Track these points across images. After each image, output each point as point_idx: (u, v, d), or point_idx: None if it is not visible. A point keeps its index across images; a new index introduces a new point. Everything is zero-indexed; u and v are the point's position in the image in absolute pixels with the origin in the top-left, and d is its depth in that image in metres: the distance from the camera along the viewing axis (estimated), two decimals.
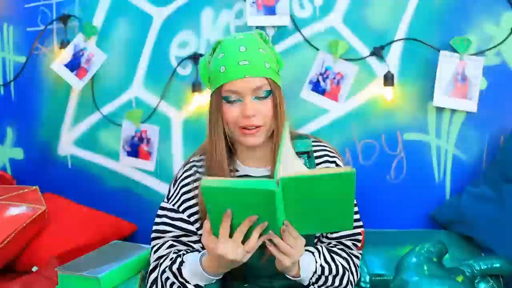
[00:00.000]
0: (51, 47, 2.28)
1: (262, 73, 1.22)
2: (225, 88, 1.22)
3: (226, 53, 1.23)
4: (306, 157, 1.33)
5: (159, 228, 1.33)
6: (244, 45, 1.23)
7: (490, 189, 1.74)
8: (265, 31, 2.02)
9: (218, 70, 1.23)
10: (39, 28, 2.29)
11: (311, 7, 1.99)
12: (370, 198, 1.96)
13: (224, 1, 2.07)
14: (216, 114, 1.26)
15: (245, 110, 1.21)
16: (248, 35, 1.27)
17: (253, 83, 1.21)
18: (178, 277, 1.21)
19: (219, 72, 1.22)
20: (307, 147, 1.34)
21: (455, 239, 1.79)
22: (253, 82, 1.21)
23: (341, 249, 1.34)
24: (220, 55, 1.24)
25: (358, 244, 1.37)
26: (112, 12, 2.20)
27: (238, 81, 1.20)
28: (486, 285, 1.60)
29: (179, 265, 1.22)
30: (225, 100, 1.23)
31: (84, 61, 2.20)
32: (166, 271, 1.24)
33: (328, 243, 1.36)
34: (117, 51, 2.20)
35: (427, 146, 1.92)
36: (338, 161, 1.35)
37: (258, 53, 1.23)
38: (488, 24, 1.85)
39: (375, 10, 1.94)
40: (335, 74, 1.97)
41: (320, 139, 1.39)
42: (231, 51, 1.23)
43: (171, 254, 1.27)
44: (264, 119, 1.23)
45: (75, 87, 2.21)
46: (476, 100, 1.84)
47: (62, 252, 1.90)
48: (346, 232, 1.34)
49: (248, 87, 1.21)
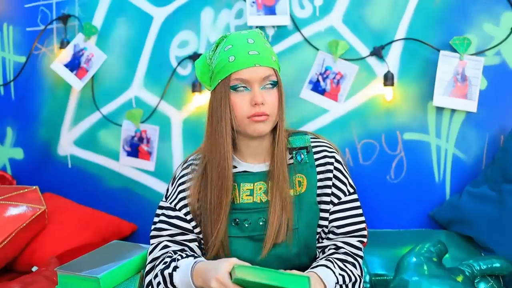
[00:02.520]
0: (51, 47, 2.28)
1: (270, 64, 1.25)
2: (234, 76, 1.23)
3: (235, 44, 1.25)
4: (305, 152, 1.34)
5: (156, 226, 1.35)
6: (252, 38, 1.26)
7: (490, 189, 1.74)
8: (265, 31, 2.02)
9: (227, 60, 1.24)
10: (39, 28, 2.29)
11: (311, 7, 1.99)
12: (370, 198, 1.96)
13: (224, 1, 2.07)
14: (220, 110, 1.25)
15: (255, 97, 1.22)
16: (252, 31, 1.30)
17: (262, 72, 1.23)
18: (167, 283, 1.23)
19: (228, 62, 1.23)
20: (305, 142, 1.35)
21: (455, 239, 1.79)
22: (262, 71, 1.23)
23: (344, 253, 1.33)
24: (227, 47, 1.25)
25: (364, 240, 1.36)
26: (112, 12, 2.20)
27: (248, 70, 1.22)
28: (486, 285, 1.60)
29: (172, 270, 1.23)
30: (233, 90, 1.24)
31: (84, 61, 2.20)
32: (158, 275, 1.25)
33: (334, 248, 1.35)
34: (117, 51, 2.20)
35: (427, 146, 1.92)
36: (337, 156, 1.35)
37: (265, 46, 1.27)
38: (488, 24, 1.84)
39: (375, 10, 1.94)
40: (335, 74, 1.97)
41: (318, 135, 1.40)
42: (239, 43, 1.25)
43: (166, 257, 1.28)
44: (271, 109, 1.25)
45: (75, 87, 2.21)
46: (476, 100, 1.83)
47: (62, 252, 1.90)
48: (352, 227, 1.33)
49: (257, 75, 1.23)
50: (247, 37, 1.26)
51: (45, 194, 2.16)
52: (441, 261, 1.60)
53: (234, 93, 1.24)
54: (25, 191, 1.99)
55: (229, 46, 1.25)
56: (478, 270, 1.60)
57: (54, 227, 1.97)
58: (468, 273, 1.58)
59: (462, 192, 1.84)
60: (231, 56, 1.24)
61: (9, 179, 2.27)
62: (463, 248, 1.75)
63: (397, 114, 1.94)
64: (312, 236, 1.34)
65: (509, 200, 1.67)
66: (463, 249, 1.75)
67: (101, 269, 1.40)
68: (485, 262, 1.61)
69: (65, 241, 1.93)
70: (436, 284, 1.49)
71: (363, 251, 1.38)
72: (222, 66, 1.25)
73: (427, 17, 1.89)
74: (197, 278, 1.19)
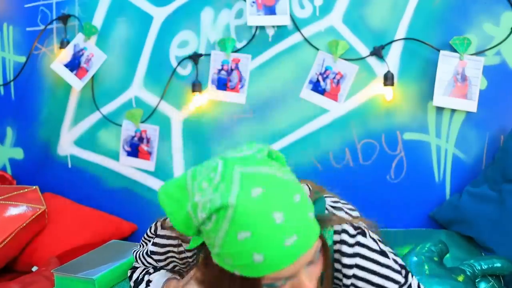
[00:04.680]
0: (51, 47, 2.28)
1: (315, 238, 0.87)
2: (268, 276, 0.85)
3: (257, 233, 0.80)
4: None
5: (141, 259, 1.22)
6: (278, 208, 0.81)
7: (490, 189, 1.74)
8: (265, 30, 2.02)
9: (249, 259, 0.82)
10: (39, 28, 2.29)
11: (311, 7, 1.99)
12: (370, 197, 1.96)
13: (224, 1, 2.07)
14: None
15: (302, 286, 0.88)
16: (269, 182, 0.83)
17: (307, 257, 0.86)
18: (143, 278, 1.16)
19: (252, 262, 0.82)
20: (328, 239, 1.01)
21: (455, 239, 1.79)
22: (306, 256, 0.86)
23: None
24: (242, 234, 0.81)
25: None
26: (112, 12, 2.20)
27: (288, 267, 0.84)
28: (487, 285, 1.60)
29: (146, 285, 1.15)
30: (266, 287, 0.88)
31: (84, 61, 2.20)
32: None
33: None
34: (117, 51, 2.20)
35: (427, 146, 1.92)
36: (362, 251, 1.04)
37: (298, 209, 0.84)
38: (488, 24, 1.84)
39: (375, 10, 1.94)
40: (335, 74, 1.97)
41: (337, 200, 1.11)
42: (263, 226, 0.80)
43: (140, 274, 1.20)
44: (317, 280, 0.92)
45: (75, 87, 2.21)
46: (476, 100, 1.83)
47: (62, 252, 1.90)
48: None
49: (301, 264, 0.86)
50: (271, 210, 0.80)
51: (45, 194, 2.16)
52: (442, 261, 1.61)
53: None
54: (25, 191, 1.99)
55: (245, 234, 0.80)
56: (479, 270, 1.60)
57: (54, 227, 1.97)
58: (469, 273, 1.58)
59: (462, 192, 1.84)
60: (257, 254, 0.81)
61: (9, 179, 2.28)
62: (463, 248, 1.76)
63: (397, 114, 1.94)
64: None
65: (509, 200, 1.67)
66: (464, 249, 1.75)
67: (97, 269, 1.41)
68: (486, 262, 1.62)
69: (65, 241, 1.93)
70: (437, 283, 1.49)
71: None
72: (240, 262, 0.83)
73: (427, 17, 1.89)
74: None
